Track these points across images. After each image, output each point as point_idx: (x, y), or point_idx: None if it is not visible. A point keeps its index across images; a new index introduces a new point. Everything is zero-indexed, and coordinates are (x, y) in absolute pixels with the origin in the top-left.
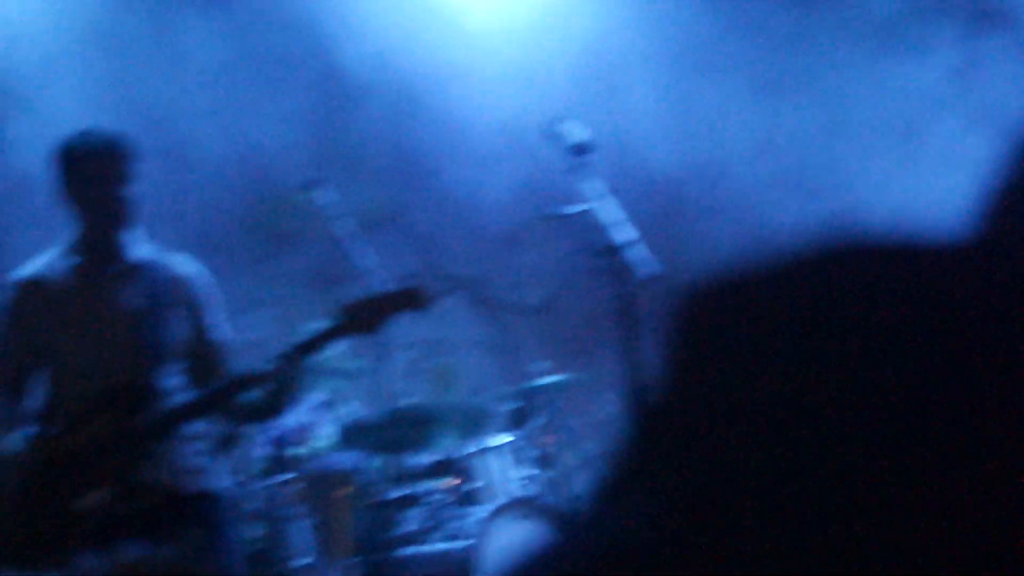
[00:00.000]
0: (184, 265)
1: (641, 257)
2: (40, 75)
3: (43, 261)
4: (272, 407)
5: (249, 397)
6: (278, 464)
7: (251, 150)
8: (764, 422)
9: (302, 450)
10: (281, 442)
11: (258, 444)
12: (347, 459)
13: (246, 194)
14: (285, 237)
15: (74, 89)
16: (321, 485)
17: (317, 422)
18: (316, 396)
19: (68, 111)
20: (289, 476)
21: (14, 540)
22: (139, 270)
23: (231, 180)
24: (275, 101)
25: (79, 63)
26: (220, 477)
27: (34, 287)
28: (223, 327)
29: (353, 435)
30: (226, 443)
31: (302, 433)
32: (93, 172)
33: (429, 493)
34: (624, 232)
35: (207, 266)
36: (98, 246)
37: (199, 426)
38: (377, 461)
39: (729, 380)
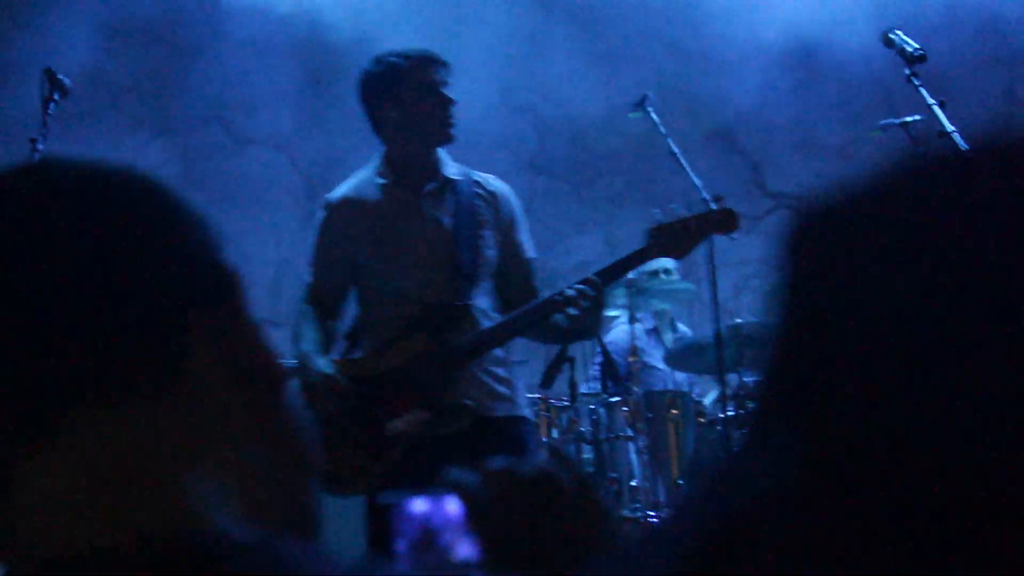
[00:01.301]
0: (493, 183)
1: None
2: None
3: (356, 180)
4: (580, 331)
5: (557, 320)
6: (607, 386)
7: (576, 73)
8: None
9: (631, 371)
10: (610, 364)
11: (588, 366)
12: (676, 380)
13: (575, 114)
14: (613, 157)
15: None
16: (650, 406)
17: (646, 343)
18: (646, 317)
19: None
20: (618, 398)
21: (324, 463)
22: (451, 188)
23: (558, 103)
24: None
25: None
26: (520, 403)
27: (348, 206)
28: (530, 247)
29: (682, 356)
30: (555, 365)
31: (631, 355)
32: (422, 79)
33: None
34: (955, 144)
35: (536, 187)
36: (412, 164)
37: (504, 350)
38: (706, 381)
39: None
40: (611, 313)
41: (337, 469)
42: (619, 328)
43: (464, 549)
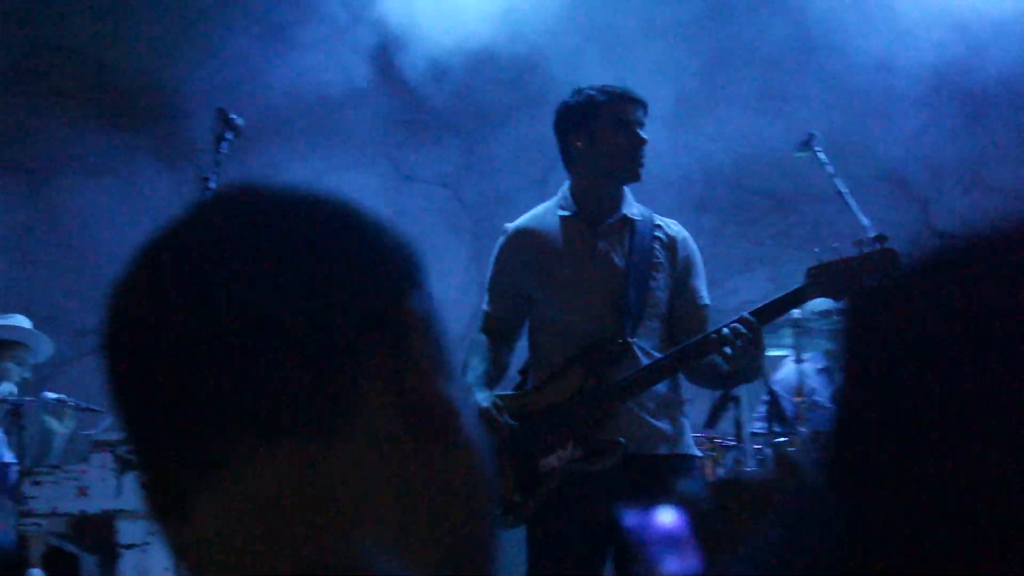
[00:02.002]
0: (673, 227)
1: None
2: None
3: (538, 211)
4: (737, 371)
5: (715, 361)
6: (773, 426)
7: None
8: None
9: (798, 411)
10: (777, 403)
11: (755, 405)
12: None
13: (741, 154)
14: (780, 196)
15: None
16: (818, 446)
17: (817, 382)
18: (817, 357)
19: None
20: (784, 438)
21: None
22: (630, 227)
23: (724, 142)
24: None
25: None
26: (685, 441)
27: (525, 235)
28: (705, 293)
29: None
30: (721, 404)
31: (798, 394)
32: (618, 115)
33: None
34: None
35: (702, 226)
36: (595, 199)
37: (665, 388)
38: None
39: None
40: (778, 352)
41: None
42: (786, 367)
43: (676, 561)
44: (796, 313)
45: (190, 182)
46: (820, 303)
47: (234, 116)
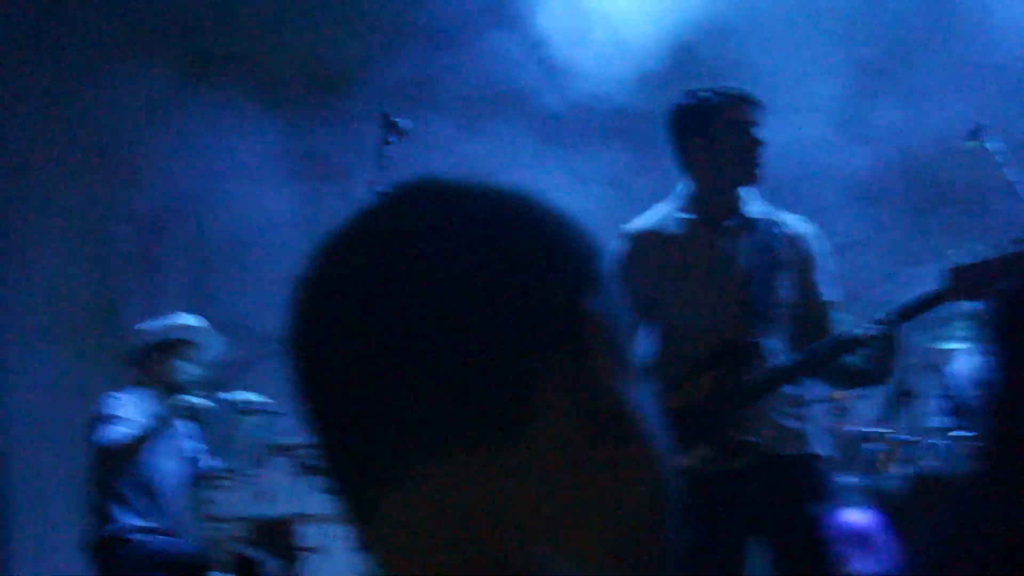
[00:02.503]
0: (798, 224)
1: None
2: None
3: (657, 213)
4: (871, 372)
5: (850, 362)
6: (956, 420)
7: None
8: None
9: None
10: (953, 397)
11: (933, 400)
12: None
13: (910, 144)
14: (951, 188)
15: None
16: None
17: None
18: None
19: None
20: (965, 433)
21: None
22: (753, 227)
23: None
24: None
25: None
26: (820, 441)
27: (645, 239)
28: (832, 290)
29: None
30: (900, 399)
31: (977, 387)
32: (733, 117)
33: None
34: None
35: (872, 219)
36: (714, 201)
37: (799, 388)
38: None
39: None
40: (952, 345)
41: None
42: (963, 359)
43: (866, 561)
44: (976, 305)
45: (364, 187)
46: None
47: (398, 119)
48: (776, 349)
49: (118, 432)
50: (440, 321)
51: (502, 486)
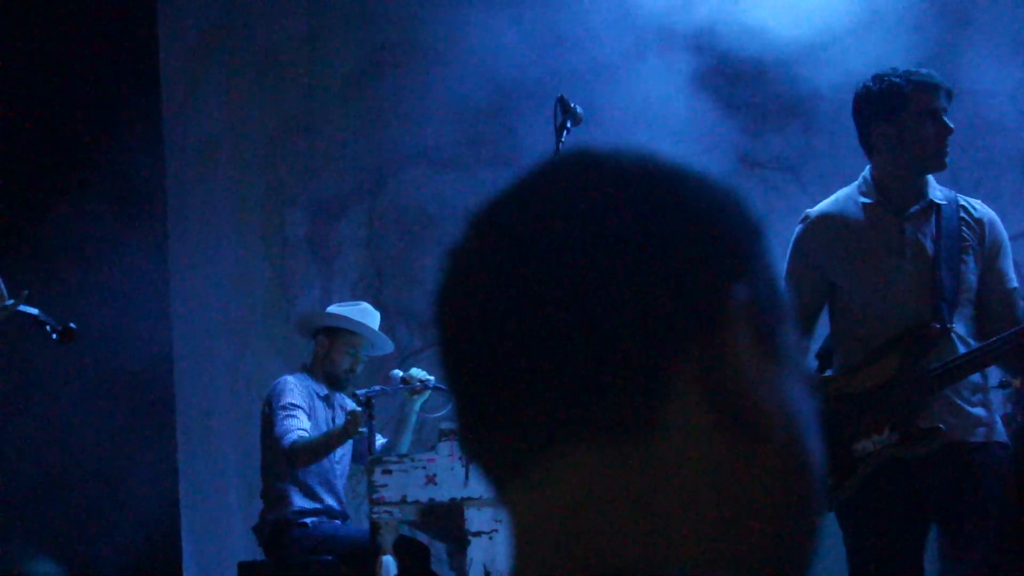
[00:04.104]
0: (980, 209)
1: None
2: None
3: (839, 197)
4: None
5: None
6: None
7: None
8: None
9: None
10: None
11: None
12: None
13: None
14: None
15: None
16: None
17: None
18: None
19: None
20: None
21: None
22: (936, 212)
23: None
24: None
25: None
26: (999, 428)
27: (827, 222)
28: (1014, 276)
29: None
30: None
31: None
32: (924, 104)
33: None
34: None
35: None
36: (899, 186)
37: (980, 376)
38: None
39: None
40: None
41: None
42: None
43: None
44: None
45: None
46: None
47: (575, 104)
48: (964, 335)
49: (302, 438)
50: (579, 301)
51: (637, 479)
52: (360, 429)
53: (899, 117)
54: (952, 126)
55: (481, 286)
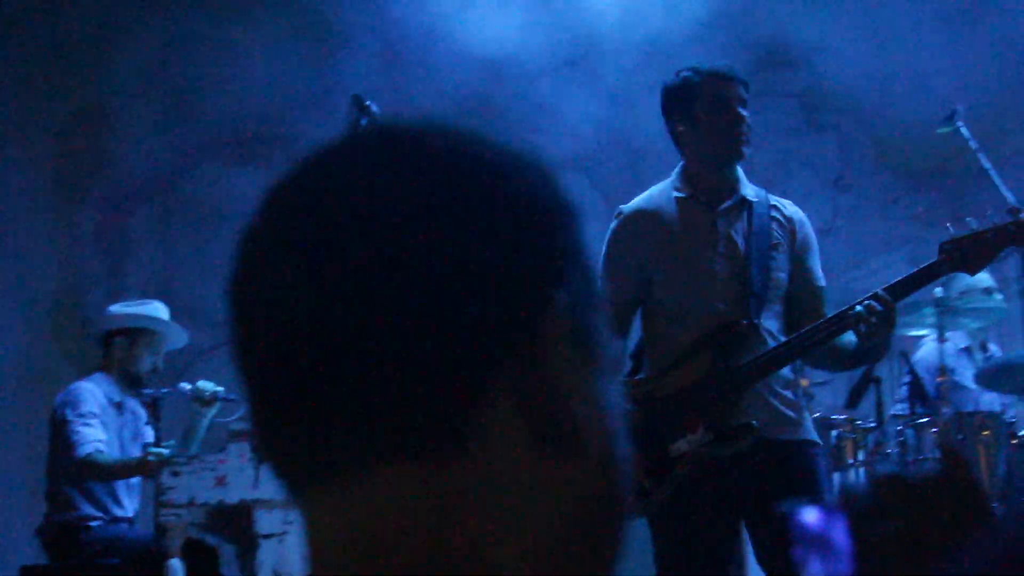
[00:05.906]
0: (790, 208)
1: None
2: None
3: (652, 193)
4: (868, 350)
5: (844, 341)
6: (915, 406)
7: (884, 83)
8: None
9: (940, 392)
10: (918, 384)
11: (895, 386)
12: (987, 401)
13: (879, 130)
14: (920, 174)
15: None
16: (960, 428)
17: (957, 362)
18: (959, 336)
19: None
20: (926, 419)
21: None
22: (748, 208)
23: (863, 115)
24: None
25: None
26: (808, 426)
27: (641, 218)
28: (821, 275)
29: (993, 376)
30: (861, 385)
31: (940, 374)
32: (714, 95)
33: None
34: None
35: (840, 206)
36: (708, 180)
37: (788, 371)
38: (1018, 403)
39: None
40: (919, 332)
41: None
42: (927, 347)
43: (825, 564)
44: (938, 292)
45: None
46: (962, 282)
47: (370, 103)
48: (773, 331)
49: (99, 451)
50: (379, 294)
51: (448, 494)
52: (138, 408)
53: (692, 109)
54: (746, 115)
55: (273, 276)
